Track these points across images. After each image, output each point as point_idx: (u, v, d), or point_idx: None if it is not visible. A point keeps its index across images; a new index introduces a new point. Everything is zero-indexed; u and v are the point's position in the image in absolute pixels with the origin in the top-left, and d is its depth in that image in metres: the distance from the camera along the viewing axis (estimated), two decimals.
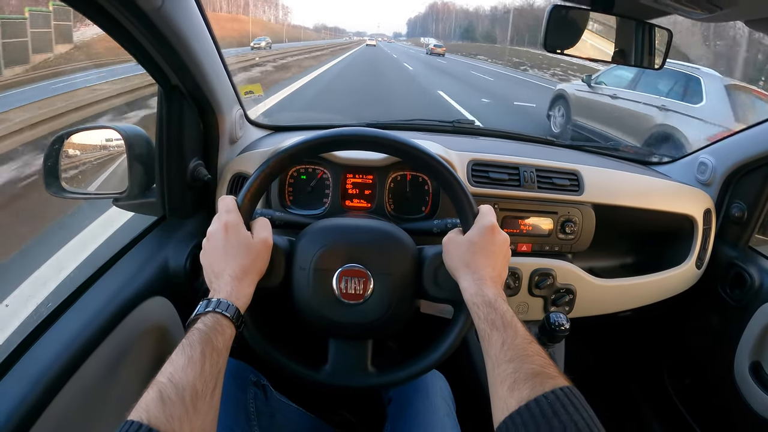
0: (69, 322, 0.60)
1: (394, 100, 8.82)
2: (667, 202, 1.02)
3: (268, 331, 0.62)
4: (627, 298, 1.02)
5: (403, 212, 0.92)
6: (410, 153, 0.63)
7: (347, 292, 0.61)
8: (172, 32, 0.61)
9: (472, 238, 0.59)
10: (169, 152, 0.76)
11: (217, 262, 0.56)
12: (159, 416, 0.39)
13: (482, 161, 0.94)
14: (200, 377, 0.43)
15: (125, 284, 0.67)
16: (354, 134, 0.63)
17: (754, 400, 0.95)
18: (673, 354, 1.25)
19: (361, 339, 0.65)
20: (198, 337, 0.47)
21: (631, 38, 0.83)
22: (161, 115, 0.75)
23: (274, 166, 0.62)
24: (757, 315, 0.97)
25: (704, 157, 1.10)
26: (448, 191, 0.63)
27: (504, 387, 0.44)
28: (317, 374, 0.63)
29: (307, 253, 0.62)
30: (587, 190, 0.95)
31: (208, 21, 0.72)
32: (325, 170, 0.91)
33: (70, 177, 0.79)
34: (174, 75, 0.71)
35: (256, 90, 1.02)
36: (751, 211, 1.03)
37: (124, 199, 0.80)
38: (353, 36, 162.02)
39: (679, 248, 1.05)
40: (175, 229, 0.81)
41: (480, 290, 0.55)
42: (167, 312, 0.73)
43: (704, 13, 0.67)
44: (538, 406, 0.40)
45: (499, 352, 0.48)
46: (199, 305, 0.52)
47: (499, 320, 0.51)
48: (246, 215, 0.59)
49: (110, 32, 0.59)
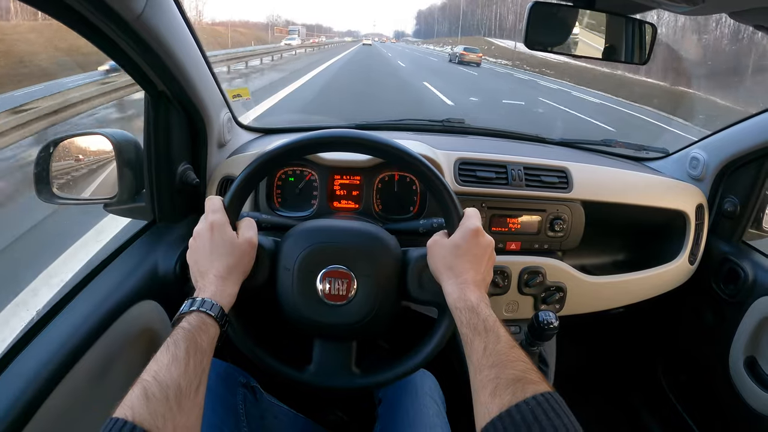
0: (59, 326, 0.60)
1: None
2: (658, 197, 1.02)
3: (253, 330, 0.63)
4: (619, 295, 1.02)
5: (391, 212, 0.92)
6: (393, 154, 0.63)
7: (331, 293, 0.62)
8: (154, 39, 0.62)
9: (456, 242, 0.59)
10: (158, 157, 0.77)
11: (202, 261, 0.57)
12: (143, 413, 0.39)
13: (469, 160, 0.94)
14: (184, 375, 0.44)
15: (115, 288, 0.68)
16: (336, 136, 0.63)
17: (750, 395, 0.95)
18: (668, 350, 1.25)
19: (345, 339, 0.65)
20: (182, 336, 0.47)
21: (621, 35, 0.83)
22: (149, 121, 0.76)
23: (260, 167, 0.62)
24: (752, 310, 0.97)
25: (696, 152, 1.09)
26: (433, 193, 0.63)
27: (486, 392, 0.44)
28: (301, 374, 0.64)
29: (292, 254, 0.63)
30: (576, 188, 0.95)
31: (192, 26, 0.72)
32: (313, 172, 0.91)
33: (61, 183, 0.80)
34: (159, 81, 0.71)
35: (244, 93, 1.03)
36: (744, 206, 1.03)
37: (114, 204, 0.81)
38: (344, 36, 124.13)
39: (671, 244, 1.05)
40: (164, 233, 0.81)
41: (463, 294, 0.55)
42: (157, 315, 0.74)
43: (687, 6, 0.67)
44: (519, 412, 0.41)
45: (481, 357, 0.48)
46: (184, 304, 0.52)
47: (481, 325, 0.51)
48: (232, 215, 0.60)
49: (93, 40, 0.59)
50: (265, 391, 0.78)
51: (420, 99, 9.80)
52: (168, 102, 0.75)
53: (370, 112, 7.86)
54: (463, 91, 12.37)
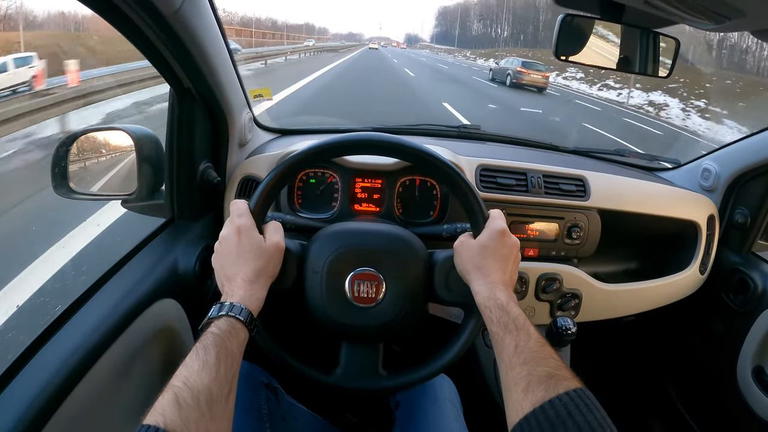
0: (79, 324, 0.60)
1: None
2: (671, 208, 1.03)
3: (279, 334, 0.63)
4: (631, 303, 1.03)
5: (411, 216, 0.92)
6: (421, 158, 0.63)
7: (359, 295, 0.61)
8: (188, 35, 0.62)
9: (483, 242, 0.59)
10: (179, 154, 0.77)
11: (229, 266, 0.56)
12: (175, 420, 0.39)
13: (490, 166, 0.95)
14: (215, 381, 0.43)
15: (135, 286, 0.67)
16: (366, 139, 0.63)
17: (757, 405, 0.96)
18: (677, 358, 1.26)
19: (372, 342, 0.65)
20: (212, 341, 0.47)
21: (635, 46, 0.84)
22: (172, 118, 0.75)
23: (287, 170, 0.62)
24: (760, 320, 0.98)
25: (708, 163, 1.11)
26: (458, 196, 0.64)
27: (518, 389, 0.45)
28: (329, 377, 0.63)
29: (320, 257, 0.62)
30: (593, 196, 0.96)
31: (222, 24, 0.72)
32: (335, 174, 0.91)
33: (79, 178, 0.78)
34: (186, 78, 0.71)
35: (266, 94, 1.02)
36: (755, 217, 1.04)
37: (132, 200, 0.79)
38: (343, 41, 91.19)
39: (682, 254, 1.06)
40: (184, 231, 0.80)
41: (492, 294, 0.55)
42: (176, 314, 0.73)
43: (712, 24, 0.68)
44: (552, 408, 0.41)
45: (512, 355, 0.48)
46: (212, 309, 0.52)
47: (512, 323, 0.51)
48: (258, 219, 0.60)
49: (127, 34, 0.59)
50: (285, 392, 0.77)
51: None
52: (193, 99, 0.75)
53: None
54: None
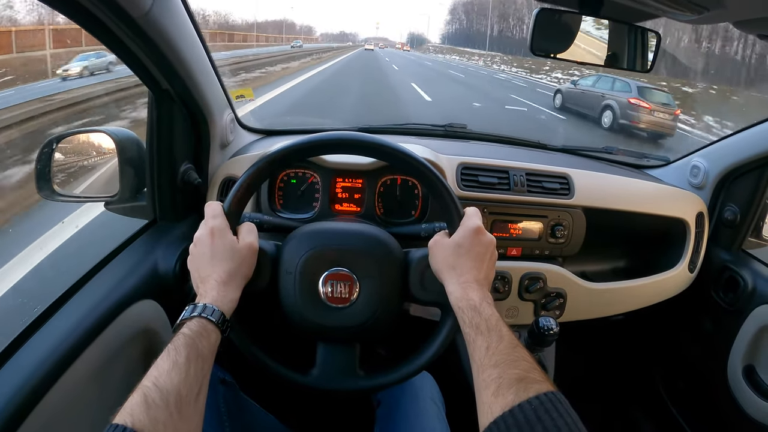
0: (58, 325, 0.60)
1: None
2: (659, 205, 1.02)
3: (256, 334, 0.63)
4: (619, 302, 1.02)
5: (392, 216, 0.92)
6: (395, 156, 0.63)
7: (333, 295, 0.61)
8: (160, 37, 0.62)
9: (458, 241, 0.59)
10: (160, 156, 0.77)
11: (203, 267, 0.57)
12: (143, 420, 0.39)
13: (472, 165, 0.94)
14: (185, 382, 0.44)
15: (115, 287, 0.68)
16: (340, 138, 0.63)
17: (748, 404, 0.95)
18: (667, 358, 1.25)
19: (348, 342, 0.65)
20: (183, 342, 0.47)
21: (624, 42, 0.84)
22: (152, 120, 0.75)
23: (261, 170, 0.62)
24: (750, 318, 0.97)
25: (697, 160, 1.10)
26: (434, 194, 0.63)
27: (488, 392, 0.44)
28: (305, 378, 0.63)
29: (293, 257, 0.62)
30: (577, 194, 0.95)
31: (198, 25, 0.72)
32: (315, 174, 0.91)
33: (61, 180, 0.79)
34: (164, 79, 0.71)
35: (248, 94, 1.02)
36: (744, 214, 1.03)
37: (115, 202, 0.80)
38: (333, 42, 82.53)
39: (671, 252, 1.05)
40: (165, 232, 0.81)
41: (465, 294, 0.55)
42: (156, 315, 0.73)
43: (691, 15, 0.67)
44: (521, 412, 0.41)
45: (483, 356, 0.48)
46: (185, 310, 0.52)
47: (483, 324, 0.51)
48: (232, 220, 0.60)
49: (99, 37, 0.59)
50: (240, 387, 0.77)
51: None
52: (171, 101, 0.75)
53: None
54: None
